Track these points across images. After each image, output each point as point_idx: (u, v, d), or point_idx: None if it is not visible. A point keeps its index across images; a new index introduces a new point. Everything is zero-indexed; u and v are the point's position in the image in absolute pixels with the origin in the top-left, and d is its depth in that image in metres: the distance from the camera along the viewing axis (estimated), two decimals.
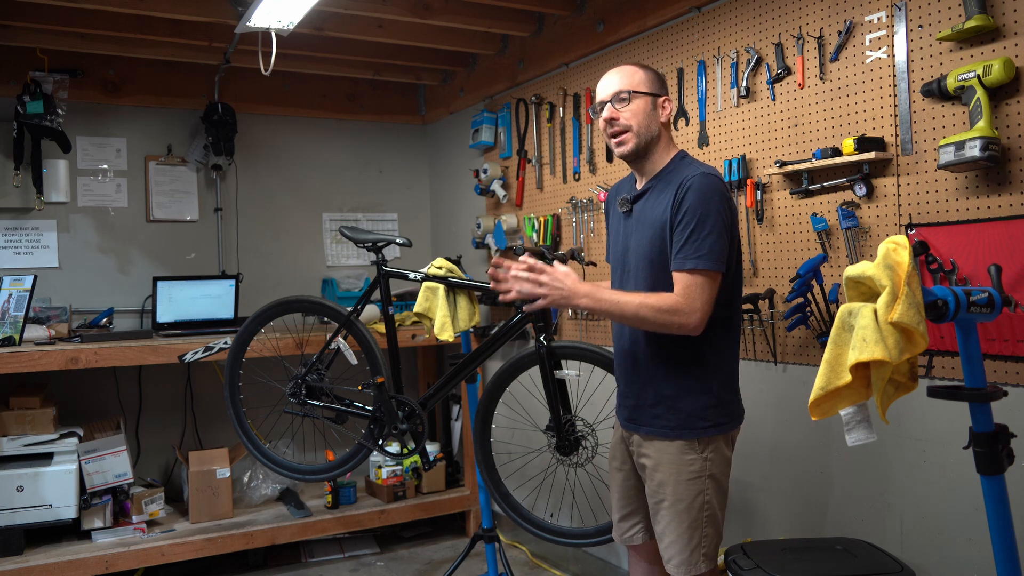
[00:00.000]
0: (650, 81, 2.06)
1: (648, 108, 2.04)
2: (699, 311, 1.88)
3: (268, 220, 4.41)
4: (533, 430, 3.12)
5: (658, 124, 2.05)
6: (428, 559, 3.89)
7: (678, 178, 1.97)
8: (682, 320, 1.88)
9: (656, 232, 1.99)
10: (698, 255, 1.88)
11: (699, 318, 1.89)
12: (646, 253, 2.01)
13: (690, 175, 1.95)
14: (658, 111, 2.05)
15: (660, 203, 2.00)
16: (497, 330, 2.85)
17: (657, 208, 2.00)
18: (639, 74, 2.06)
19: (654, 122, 2.05)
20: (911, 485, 2.22)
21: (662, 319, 1.89)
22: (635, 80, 2.05)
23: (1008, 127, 1.96)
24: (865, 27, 2.29)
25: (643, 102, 2.04)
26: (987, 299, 1.59)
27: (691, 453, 1.99)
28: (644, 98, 2.04)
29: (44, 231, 3.90)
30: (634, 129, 2.03)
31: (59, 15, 3.32)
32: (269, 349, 3.46)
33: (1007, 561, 1.64)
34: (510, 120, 3.93)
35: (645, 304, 1.89)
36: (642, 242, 2.03)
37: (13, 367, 3.15)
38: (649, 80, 2.06)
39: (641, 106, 2.03)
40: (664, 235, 1.97)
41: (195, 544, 3.45)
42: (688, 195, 1.91)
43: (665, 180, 2.02)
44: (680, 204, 1.92)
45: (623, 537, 2.23)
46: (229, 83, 4.18)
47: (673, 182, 1.98)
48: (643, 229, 2.03)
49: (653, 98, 2.05)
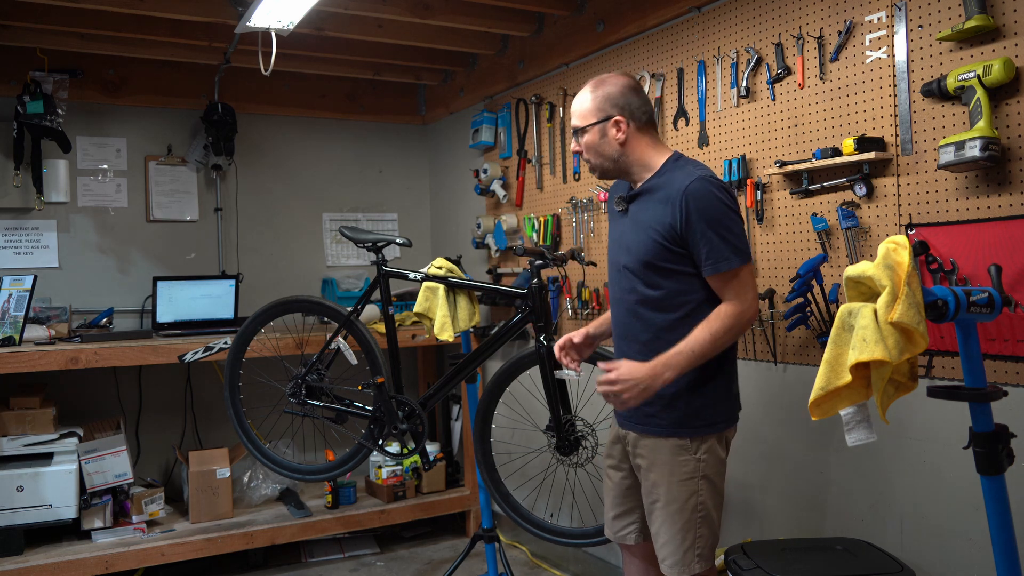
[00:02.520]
0: (595, 109, 2.08)
1: (597, 138, 2.08)
2: (754, 300, 1.98)
3: (268, 220, 4.41)
4: (533, 430, 3.12)
5: (614, 147, 2.07)
6: (428, 559, 3.89)
7: (674, 184, 1.98)
8: (746, 318, 1.96)
9: (649, 235, 2.01)
10: (726, 256, 1.93)
11: (756, 304, 2.00)
12: (640, 254, 2.03)
13: (685, 182, 1.96)
14: (609, 135, 2.06)
15: (654, 207, 2.01)
16: (497, 330, 2.85)
17: (651, 211, 2.02)
18: (588, 104, 2.09)
19: (608, 147, 2.07)
20: (911, 485, 2.22)
21: (735, 332, 1.96)
22: (585, 111, 2.09)
23: (1008, 127, 1.96)
24: (865, 27, 2.28)
25: (593, 134, 2.08)
26: (987, 299, 1.59)
27: (684, 454, 2.00)
28: (593, 129, 2.08)
29: (44, 231, 3.90)
30: (593, 161, 2.12)
31: (59, 15, 3.32)
32: (269, 349, 3.46)
33: (1007, 561, 1.64)
34: (510, 120, 3.93)
35: (715, 331, 1.93)
36: (637, 242, 2.05)
37: (13, 367, 3.15)
38: (595, 108, 2.08)
39: (592, 139, 2.09)
40: (657, 239, 1.99)
41: (195, 544, 3.45)
42: (692, 204, 1.93)
43: (658, 184, 2.03)
44: (688, 215, 1.93)
45: (616, 535, 2.24)
46: (229, 83, 4.18)
47: (666, 188, 2.00)
48: (638, 230, 2.05)
49: (602, 124, 2.06)
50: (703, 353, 1.92)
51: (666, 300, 2.01)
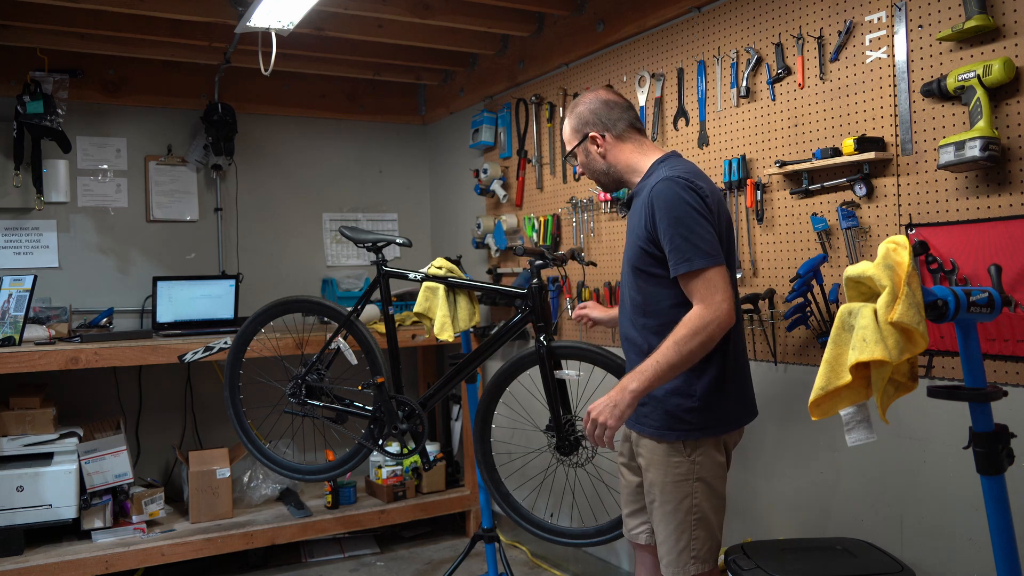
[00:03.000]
0: (573, 131, 2.18)
1: (585, 157, 2.18)
2: (722, 302, 1.86)
3: (268, 220, 4.41)
4: (533, 430, 3.12)
5: (600, 161, 2.14)
6: (428, 559, 3.89)
7: (646, 187, 2.01)
8: (712, 322, 1.85)
9: (633, 239, 2.03)
10: (688, 257, 1.88)
11: (727, 308, 1.86)
12: (629, 258, 2.06)
13: (652, 184, 1.96)
14: (591, 152, 2.14)
15: (637, 210, 2.03)
16: (497, 330, 2.85)
17: (634, 216, 2.05)
18: (567, 128, 2.20)
19: (595, 162, 2.15)
20: (911, 485, 2.22)
21: (701, 337, 1.85)
22: (568, 136, 2.21)
23: (1008, 127, 1.96)
24: (865, 27, 2.28)
25: (580, 155, 2.19)
26: (987, 299, 1.59)
27: (677, 456, 1.99)
28: (578, 150, 2.18)
29: (44, 231, 3.90)
30: (592, 177, 2.19)
31: (59, 15, 3.32)
32: (269, 349, 3.46)
33: (1007, 561, 1.64)
34: (510, 120, 3.93)
35: (678, 341, 1.85)
36: (627, 247, 2.08)
37: (13, 367, 3.15)
38: (572, 130, 2.18)
39: (581, 159, 2.19)
40: (639, 243, 2.00)
41: (195, 544, 3.45)
42: (656, 204, 1.93)
43: (642, 187, 2.05)
44: (654, 215, 1.94)
45: (629, 534, 2.25)
46: (229, 83, 4.18)
47: (643, 191, 2.02)
48: (628, 235, 2.08)
49: (582, 143, 2.15)
50: (669, 361, 1.84)
51: (650, 305, 2.01)
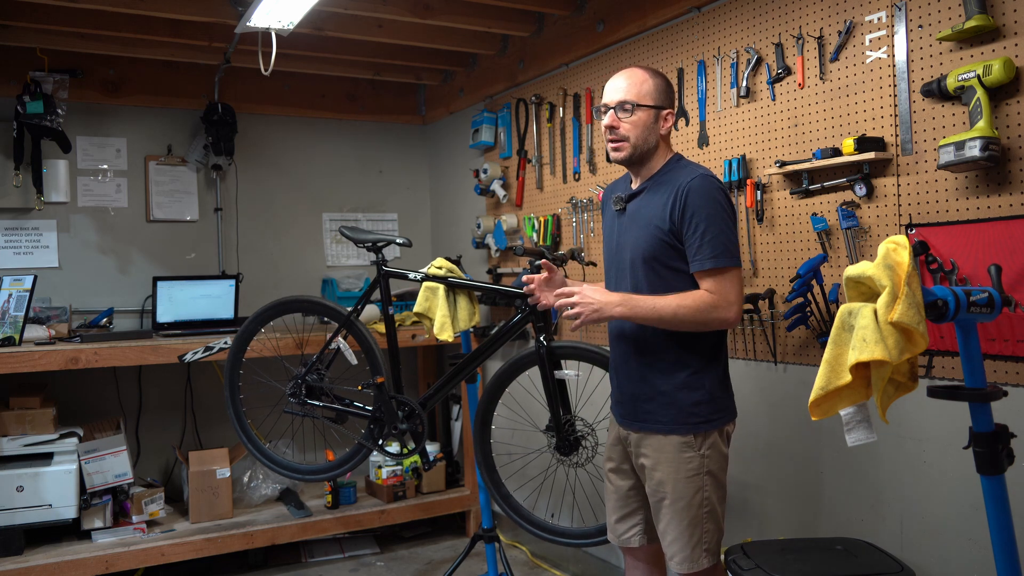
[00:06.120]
0: (657, 93, 2.05)
1: (650, 121, 2.04)
2: (735, 304, 1.93)
3: (268, 220, 4.41)
4: (533, 430, 3.12)
5: (656, 136, 2.07)
6: (428, 559, 3.89)
7: (675, 181, 2.00)
8: (722, 315, 1.92)
9: (651, 231, 2.01)
10: (717, 253, 1.92)
11: (736, 310, 1.93)
12: (640, 251, 2.04)
13: (688, 178, 1.97)
14: (659, 124, 2.06)
15: (655, 204, 2.02)
16: (497, 330, 2.85)
17: (652, 208, 2.03)
18: (648, 84, 2.04)
19: (653, 135, 2.06)
20: (911, 485, 2.22)
21: (701, 317, 1.92)
22: (643, 91, 2.04)
23: (1008, 127, 1.96)
24: (865, 27, 2.28)
25: (646, 115, 2.04)
26: (987, 299, 1.59)
27: (688, 451, 2.01)
28: (648, 111, 2.04)
29: (44, 231, 3.90)
30: (631, 141, 2.05)
31: (59, 15, 3.32)
32: (269, 349, 3.46)
33: (1007, 561, 1.64)
34: (510, 120, 3.93)
35: (683, 305, 1.92)
36: (636, 240, 2.06)
37: (13, 367, 3.15)
38: (657, 91, 2.05)
39: (643, 119, 2.04)
40: (659, 235, 1.99)
41: (195, 544, 3.45)
42: (691, 198, 1.94)
43: (660, 182, 2.05)
44: (685, 208, 1.94)
45: (620, 539, 2.24)
46: (229, 83, 4.18)
47: (669, 184, 2.01)
48: (637, 228, 2.06)
49: (657, 111, 2.05)
50: (660, 315, 1.93)
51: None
